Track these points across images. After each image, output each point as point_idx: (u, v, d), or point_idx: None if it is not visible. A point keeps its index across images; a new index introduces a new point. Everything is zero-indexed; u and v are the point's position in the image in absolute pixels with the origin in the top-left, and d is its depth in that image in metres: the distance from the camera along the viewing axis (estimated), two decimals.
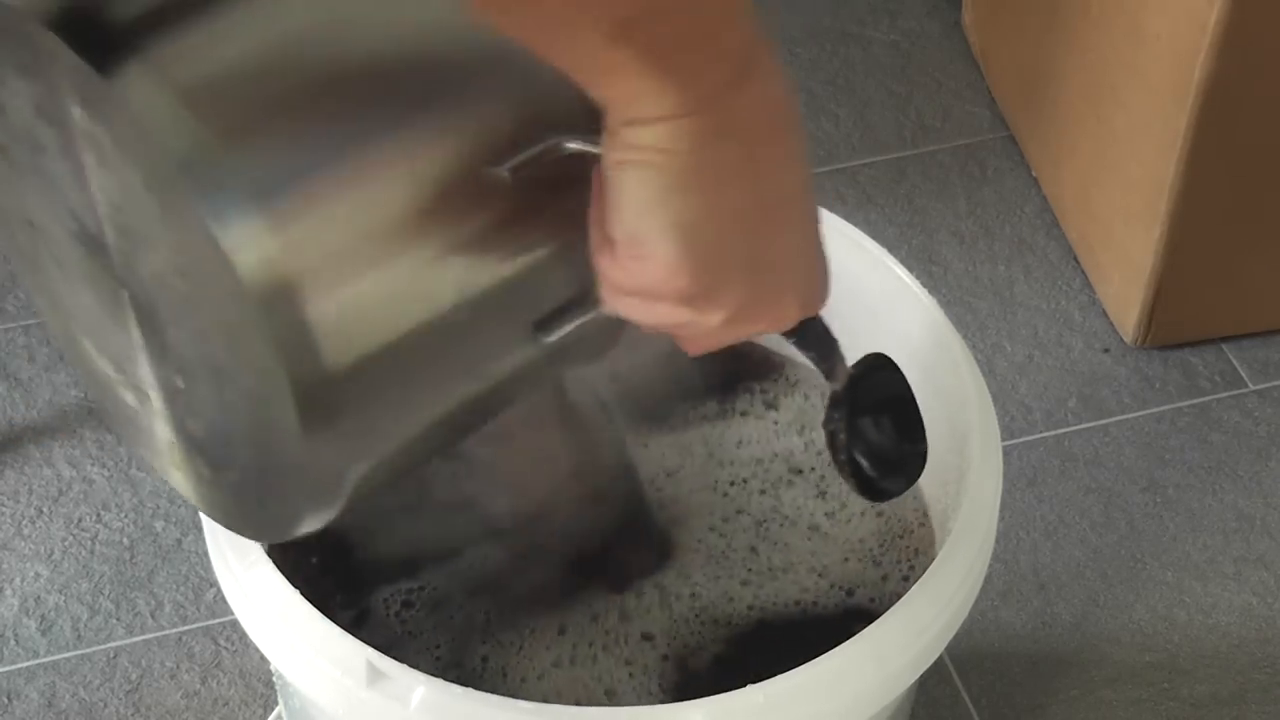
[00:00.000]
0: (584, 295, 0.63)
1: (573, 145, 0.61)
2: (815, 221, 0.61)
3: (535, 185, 0.62)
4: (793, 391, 0.93)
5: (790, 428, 0.92)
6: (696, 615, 0.83)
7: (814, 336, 0.73)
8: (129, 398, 0.69)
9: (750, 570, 0.85)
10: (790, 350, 0.94)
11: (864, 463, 0.76)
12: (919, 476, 0.79)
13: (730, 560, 0.86)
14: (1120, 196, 1.41)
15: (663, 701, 0.80)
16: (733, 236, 0.57)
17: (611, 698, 0.80)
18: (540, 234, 0.63)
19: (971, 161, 1.61)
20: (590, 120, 0.58)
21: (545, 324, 0.64)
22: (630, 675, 0.81)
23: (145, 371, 0.66)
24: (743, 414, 0.92)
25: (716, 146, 0.55)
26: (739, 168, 0.56)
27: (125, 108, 0.56)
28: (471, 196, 0.61)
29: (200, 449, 0.67)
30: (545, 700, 0.80)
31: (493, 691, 0.78)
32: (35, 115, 0.60)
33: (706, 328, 0.60)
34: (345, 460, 0.63)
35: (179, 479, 0.71)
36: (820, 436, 0.91)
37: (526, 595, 0.83)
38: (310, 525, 0.66)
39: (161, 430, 0.69)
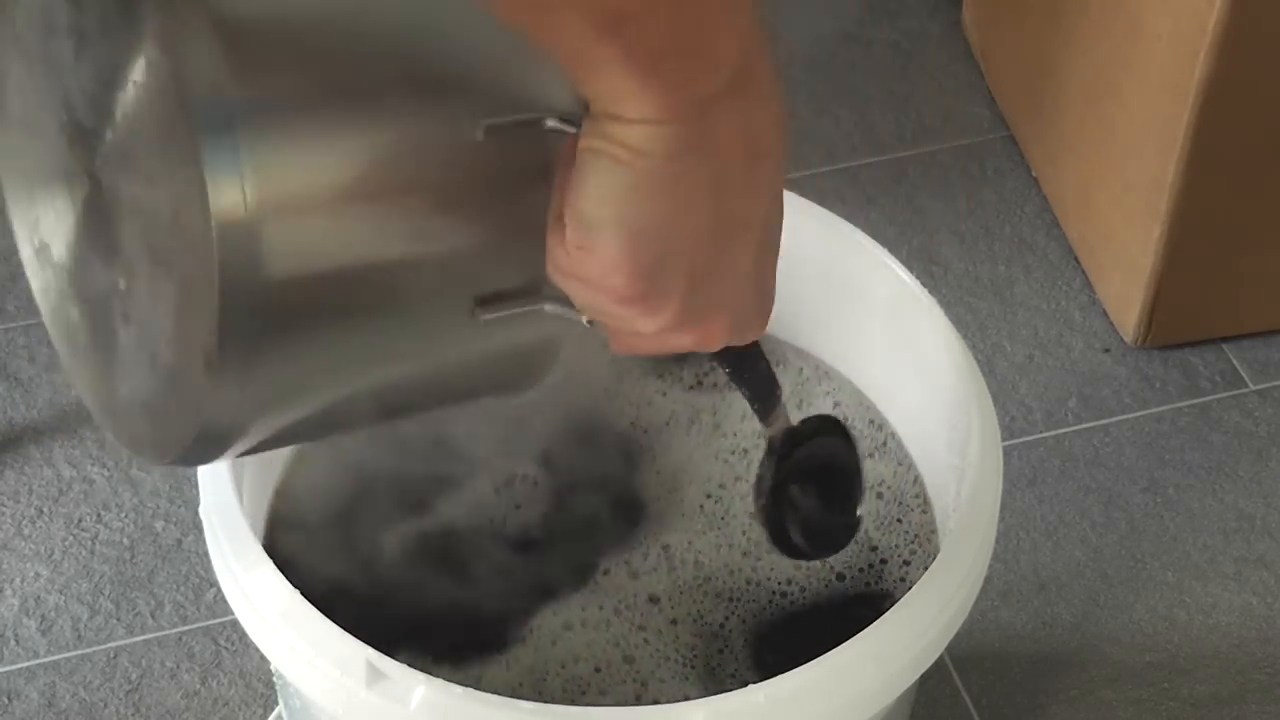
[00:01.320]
0: (531, 285, 0.62)
1: (554, 124, 0.59)
2: (770, 250, 0.60)
3: (506, 160, 0.60)
4: (783, 367, 0.93)
5: (788, 402, 0.92)
6: (697, 580, 0.84)
7: (752, 373, 0.72)
8: (74, 313, 0.68)
9: (749, 539, 0.86)
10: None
11: (787, 522, 0.78)
12: (840, 550, 0.80)
13: (729, 527, 0.86)
14: (1120, 196, 1.41)
15: (682, 670, 0.80)
16: (679, 251, 0.56)
17: (631, 664, 0.80)
18: (501, 211, 0.61)
19: (971, 161, 1.61)
20: (578, 105, 0.56)
21: (487, 302, 0.62)
22: (646, 641, 0.81)
23: (93, 271, 0.65)
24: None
25: (688, 160, 0.54)
26: (706, 186, 0.55)
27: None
28: (444, 150, 0.59)
29: (117, 351, 0.65)
30: (563, 665, 0.80)
31: (513, 656, 0.79)
32: None
33: (634, 331, 0.59)
34: (246, 409, 0.61)
35: (89, 382, 0.69)
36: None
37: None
38: (198, 459, 0.64)
39: (89, 331, 0.67)
